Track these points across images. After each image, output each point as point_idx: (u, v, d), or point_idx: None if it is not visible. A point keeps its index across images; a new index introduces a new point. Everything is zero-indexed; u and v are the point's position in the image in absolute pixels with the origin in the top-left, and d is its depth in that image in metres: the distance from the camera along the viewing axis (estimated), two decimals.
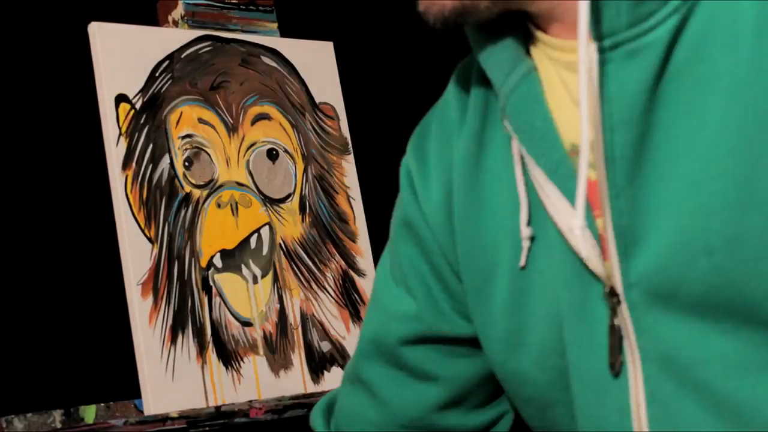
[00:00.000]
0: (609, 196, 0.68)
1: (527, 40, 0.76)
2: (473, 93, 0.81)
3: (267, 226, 1.35)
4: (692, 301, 0.67)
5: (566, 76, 0.72)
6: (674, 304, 0.68)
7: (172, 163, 1.30)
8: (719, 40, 0.65)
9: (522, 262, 0.76)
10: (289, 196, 1.39)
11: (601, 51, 0.67)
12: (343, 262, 1.41)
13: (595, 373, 0.72)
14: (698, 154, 0.65)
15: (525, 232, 0.75)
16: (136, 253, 1.23)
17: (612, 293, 0.70)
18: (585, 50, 0.67)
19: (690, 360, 0.67)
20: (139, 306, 1.22)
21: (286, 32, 1.47)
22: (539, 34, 0.74)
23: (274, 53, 1.43)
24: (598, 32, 0.67)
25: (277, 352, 1.31)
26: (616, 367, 0.70)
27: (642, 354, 0.69)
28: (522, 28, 0.75)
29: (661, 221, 0.67)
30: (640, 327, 0.69)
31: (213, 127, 1.34)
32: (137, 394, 1.21)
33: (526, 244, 0.75)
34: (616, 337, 0.70)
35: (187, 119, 1.32)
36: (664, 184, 0.67)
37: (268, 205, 1.36)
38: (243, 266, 1.31)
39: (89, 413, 1.18)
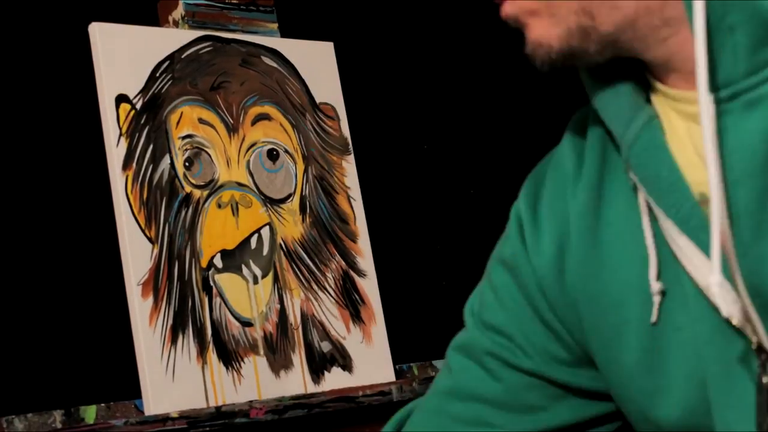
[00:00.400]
0: (736, 254, 0.66)
1: (646, 87, 0.73)
2: (589, 144, 0.79)
3: (267, 227, 1.35)
4: None
5: (688, 125, 0.70)
6: None
7: (172, 164, 1.30)
8: None
9: (653, 318, 0.74)
10: (289, 196, 1.39)
11: (719, 102, 0.65)
12: (343, 263, 1.41)
13: None
14: None
15: (655, 286, 0.73)
16: (136, 254, 1.23)
17: (761, 349, 0.67)
18: (706, 103, 0.64)
19: None
20: (139, 306, 1.22)
21: (286, 32, 1.47)
22: (657, 84, 0.72)
23: (275, 53, 1.43)
24: (714, 82, 0.65)
25: (277, 352, 1.31)
26: (764, 427, 0.68)
27: None
28: (639, 74, 0.73)
29: None
30: None
31: (213, 127, 1.34)
32: (137, 395, 1.21)
33: (657, 299, 0.73)
34: (764, 395, 0.68)
35: (187, 119, 1.32)
36: None
37: (269, 206, 1.36)
38: (243, 266, 1.31)
39: (89, 413, 1.18)
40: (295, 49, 1.45)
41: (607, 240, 0.77)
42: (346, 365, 1.36)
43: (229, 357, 1.27)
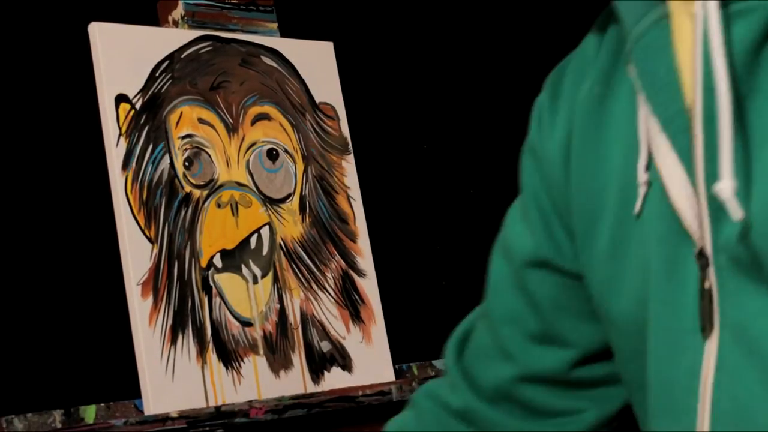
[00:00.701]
0: (704, 158, 0.67)
1: None
2: (609, 32, 0.81)
3: (267, 226, 1.35)
4: None
5: (694, 28, 0.71)
6: (757, 274, 0.67)
7: (172, 163, 1.30)
8: None
9: (637, 209, 0.75)
10: (289, 196, 1.39)
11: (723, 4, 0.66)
12: (343, 262, 1.41)
13: (674, 331, 0.72)
14: None
15: (642, 177, 0.74)
16: (136, 253, 1.23)
17: (701, 254, 0.69)
18: (699, 5, 0.66)
19: (761, 332, 0.67)
20: (139, 306, 1.22)
21: (286, 32, 1.47)
22: None
23: (274, 53, 1.43)
24: None
25: (277, 352, 1.31)
26: (707, 331, 0.70)
27: (721, 320, 0.69)
28: None
29: (753, 187, 0.66)
30: (723, 293, 0.68)
31: (213, 127, 1.34)
32: (137, 394, 1.21)
33: (642, 189, 0.74)
34: (707, 300, 0.70)
35: (187, 119, 1.32)
36: (759, 151, 0.66)
37: (268, 205, 1.36)
38: (243, 266, 1.31)
39: (89, 413, 1.18)
40: (294, 49, 1.45)
41: (607, 129, 0.79)
42: (346, 365, 1.36)
43: (229, 357, 1.27)
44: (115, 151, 1.26)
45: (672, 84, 0.71)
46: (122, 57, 1.29)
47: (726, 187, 0.65)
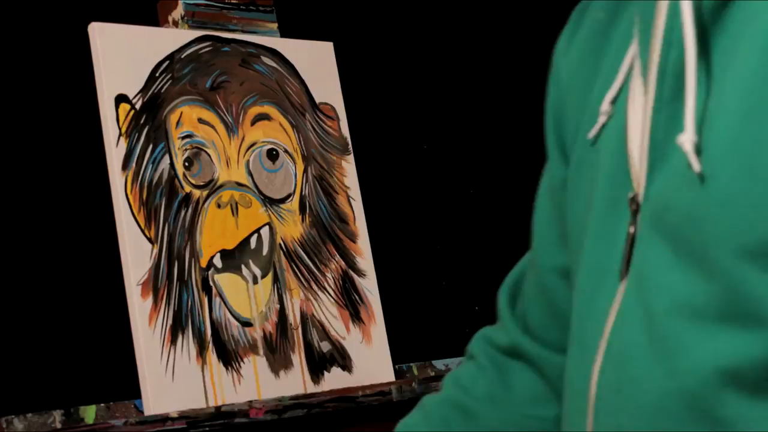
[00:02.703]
0: (653, 109, 0.69)
1: None
2: None
3: (267, 227, 1.35)
4: (672, 229, 0.68)
5: None
6: (663, 229, 0.69)
7: (172, 164, 1.30)
8: None
9: (590, 135, 0.78)
10: (289, 196, 1.39)
11: None
12: (343, 263, 1.41)
13: (599, 269, 0.75)
14: (740, 89, 0.64)
15: (606, 106, 0.77)
16: (136, 254, 1.23)
17: (634, 200, 0.71)
18: None
19: (655, 285, 0.68)
20: (139, 306, 1.22)
21: (286, 32, 1.47)
22: None
23: (274, 53, 1.43)
24: None
25: (277, 352, 1.31)
26: (623, 275, 0.72)
27: (631, 267, 0.71)
28: None
29: (705, 137, 0.67)
30: (639, 240, 0.70)
31: (213, 127, 1.34)
32: (137, 395, 1.22)
33: (602, 119, 0.77)
34: (628, 244, 0.71)
35: (187, 119, 1.32)
36: (717, 101, 0.66)
37: (268, 206, 1.36)
38: (243, 266, 1.31)
39: (89, 413, 1.18)
40: (294, 49, 1.45)
41: (604, 55, 0.81)
42: (346, 365, 1.36)
43: (229, 357, 1.27)
44: (115, 151, 1.26)
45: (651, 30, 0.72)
46: (122, 57, 1.29)
47: (687, 140, 0.66)
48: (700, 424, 0.64)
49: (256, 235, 1.34)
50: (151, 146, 1.28)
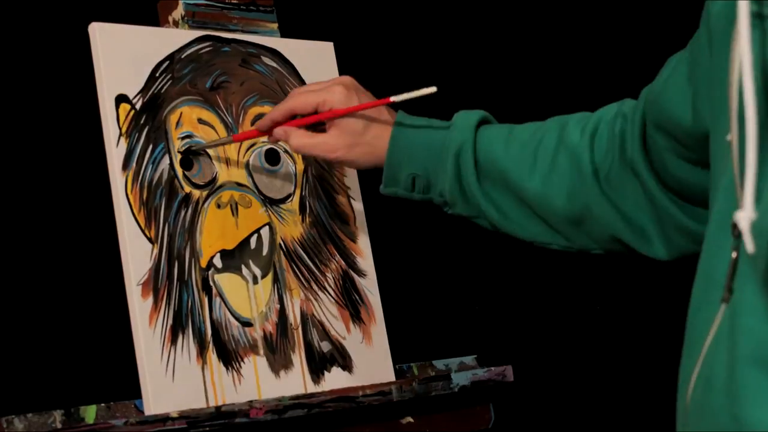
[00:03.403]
0: (757, 137, 0.67)
1: None
2: None
3: (267, 227, 1.35)
4: (765, 275, 0.67)
5: None
6: (759, 271, 0.67)
7: (171, 164, 1.30)
8: None
9: (729, 137, 0.74)
10: (289, 196, 1.39)
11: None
12: (343, 263, 1.41)
13: (709, 279, 0.75)
14: None
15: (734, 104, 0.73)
16: (136, 254, 1.23)
17: (736, 226, 0.69)
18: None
19: (743, 327, 0.68)
20: (139, 306, 1.22)
21: (286, 32, 1.47)
22: None
23: (275, 53, 1.43)
24: None
25: (277, 352, 1.31)
26: (726, 298, 0.71)
27: (732, 297, 0.70)
28: None
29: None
30: (739, 272, 0.70)
31: (213, 127, 1.34)
32: (137, 395, 1.22)
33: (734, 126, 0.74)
34: (731, 268, 0.71)
35: (187, 119, 1.32)
36: None
37: (268, 206, 1.36)
38: (243, 266, 1.31)
39: (89, 413, 1.18)
40: (295, 49, 1.45)
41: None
42: (346, 365, 1.37)
43: (229, 357, 1.27)
44: (115, 151, 1.26)
45: None
46: (122, 57, 1.29)
47: (744, 217, 0.66)
48: None
49: (256, 236, 1.34)
50: (151, 146, 1.28)
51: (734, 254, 0.70)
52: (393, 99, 1.22)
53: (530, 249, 1.27)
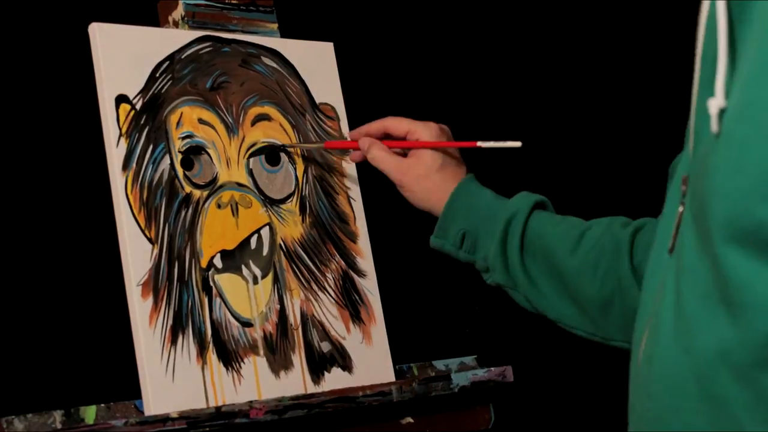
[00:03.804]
0: (698, 93, 0.73)
1: None
2: None
3: (267, 227, 1.35)
4: (696, 213, 0.71)
5: None
6: (692, 211, 0.72)
7: (172, 164, 1.30)
8: None
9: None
10: (289, 196, 1.39)
11: None
12: (343, 263, 1.41)
13: (660, 243, 0.80)
14: (750, 64, 0.68)
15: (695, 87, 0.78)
16: (136, 254, 1.23)
17: (685, 181, 0.76)
18: None
19: (684, 266, 0.72)
20: (139, 307, 1.22)
21: (286, 33, 1.47)
22: None
23: (275, 54, 1.43)
24: None
25: (277, 352, 1.31)
26: (671, 250, 0.77)
27: (675, 247, 0.76)
28: None
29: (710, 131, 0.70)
30: (684, 219, 0.75)
31: (213, 127, 1.34)
32: (137, 395, 1.22)
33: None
34: (677, 223, 0.77)
35: (187, 120, 1.32)
36: (733, 101, 0.70)
37: (269, 206, 1.36)
38: (243, 267, 1.31)
39: (89, 414, 1.18)
40: (295, 49, 1.45)
41: None
42: (346, 365, 1.37)
43: (229, 357, 1.27)
44: (115, 151, 1.26)
45: None
46: (122, 57, 1.29)
47: (714, 104, 0.70)
48: (704, 402, 0.69)
49: (256, 236, 1.34)
50: (151, 147, 1.28)
51: (680, 208, 0.76)
52: (480, 144, 1.30)
53: None
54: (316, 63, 1.46)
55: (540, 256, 1.24)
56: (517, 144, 1.27)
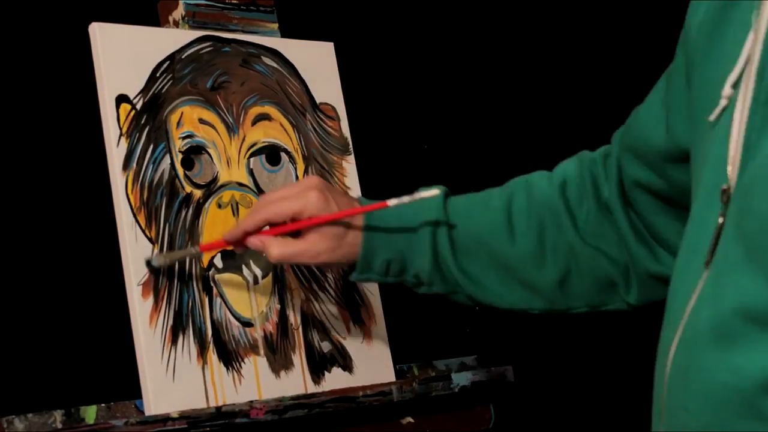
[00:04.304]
0: (750, 109, 0.72)
1: None
2: None
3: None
4: (749, 231, 0.71)
5: None
6: (742, 228, 0.72)
7: (172, 164, 1.30)
8: None
9: (712, 117, 0.79)
10: None
11: None
12: None
13: (692, 251, 0.78)
14: None
15: (727, 90, 0.77)
16: (136, 254, 1.23)
17: (725, 192, 0.74)
18: None
19: (727, 282, 0.72)
20: (139, 306, 1.22)
21: (286, 33, 1.47)
22: None
23: (275, 54, 1.43)
24: None
25: (277, 352, 1.31)
26: (707, 264, 0.75)
27: (714, 258, 0.74)
28: None
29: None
30: (725, 235, 0.73)
31: (214, 127, 1.34)
32: (138, 395, 1.22)
33: (723, 102, 0.78)
34: (715, 235, 0.75)
35: (187, 119, 1.32)
36: None
37: None
38: (244, 266, 1.31)
39: (90, 413, 1.18)
40: (295, 49, 1.45)
41: (725, 33, 0.83)
42: (347, 365, 1.37)
43: (230, 357, 1.27)
44: (115, 151, 1.25)
45: None
46: (123, 57, 1.29)
47: (728, 82, 0.72)
48: (753, 420, 0.69)
49: None
50: (151, 146, 1.28)
51: (720, 219, 0.74)
52: (390, 203, 1.19)
53: None
54: (317, 63, 1.46)
55: (477, 254, 1.19)
56: (434, 192, 1.20)
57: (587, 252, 1.16)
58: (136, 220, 1.25)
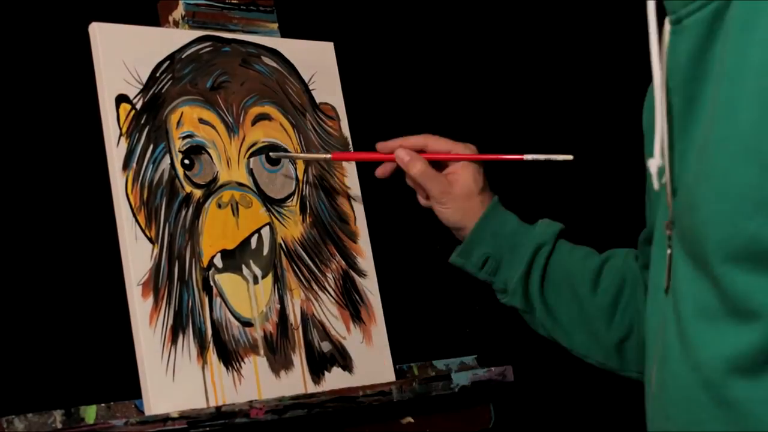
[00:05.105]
0: (669, 147, 0.83)
1: None
2: None
3: (267, 227, 1.35)
4: (688, 247, 0.81)
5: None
6: (684, 248, 0.81)
7: (172, 164, 1.30)
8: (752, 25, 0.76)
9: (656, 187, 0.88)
10: (289, 196, 1.39)
11: (672, 22, 0.84)
12: (343, 263, 1.41)
13: (654, 287, 0.89)
14: (723, 133, 0.76)
15: (656, 161, 0.87)
16: (136, 254, 1.23)
17: (668, 226, 0.85)
18: (654, 24, 0.84)
19: (682, 296, 0.81)
20: (139, 306, 1.22)
21: (286, 33, 1.47)
22: None
23: (275, 53, 1.43)
24: (670, 7, 0.86)
25: (277, 352, 1.31)
26: (667, 291, 0.85)
27: (671, 284, 0.84)
28: None
29: (686, 175, 0.81)
30: (674, 259, 0.84)
31: (213, 127, 1.34)
32: (138, 395, 1.22)
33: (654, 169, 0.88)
34: (668, 264, 0.85)
35: (187, 119, 1.32)
36: (697, 144, 0.80)
37: (269, 206, 1.36)
38: (244, 266, 1.31)
39: (90, 413, 1.18)
40: (295, 50, 1.45)
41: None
42: (346, 365, 1.37)
43: (229, 357, 1.27)
44: (115, 151, 1.26)
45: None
46: (122, 57, 1.29)
47: (653, 164, 0.82)
48: (718, 409, 0.76)
49: (256, 235, 1.34)
50: (151, 146, 1.28)
51: (669, 251, 0.84)
52: (527, 157, 1.29)
53: None
54: (316, 63, 1.46)
55: (561, 288, 1.27)
56: (569, 157, 1.26)
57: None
58: (136, 220, 1.25)
